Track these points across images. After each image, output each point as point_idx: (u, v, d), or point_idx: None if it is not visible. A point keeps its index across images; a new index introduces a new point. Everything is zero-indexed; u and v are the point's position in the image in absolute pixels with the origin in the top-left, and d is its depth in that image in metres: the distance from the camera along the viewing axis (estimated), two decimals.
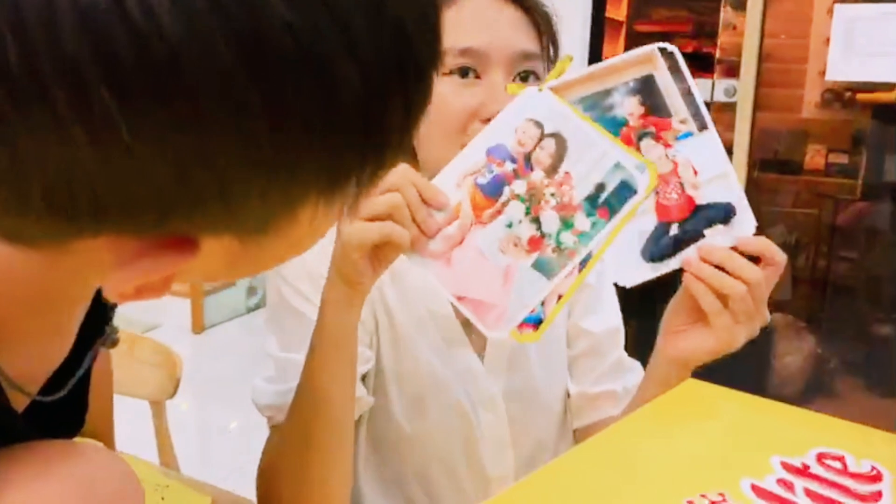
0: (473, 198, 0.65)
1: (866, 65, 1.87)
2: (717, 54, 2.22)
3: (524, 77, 0.75)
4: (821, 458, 0.39)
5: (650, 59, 0.65)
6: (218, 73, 0.24)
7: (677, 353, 0.69)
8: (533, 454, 0.85)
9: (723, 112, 2.14)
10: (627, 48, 0.70)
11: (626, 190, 0.63)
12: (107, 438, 0.65)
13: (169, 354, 1.15)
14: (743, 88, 2.08)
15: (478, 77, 0.73)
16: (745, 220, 0.64)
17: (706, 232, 0.64)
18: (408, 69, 0.29)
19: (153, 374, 1.16)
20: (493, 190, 0.65)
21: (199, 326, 3.42)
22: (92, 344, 0.50)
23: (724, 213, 0.64)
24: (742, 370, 0.78)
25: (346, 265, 0.65)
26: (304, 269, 0.78)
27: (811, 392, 2.29)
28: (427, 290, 0.82)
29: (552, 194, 0.64)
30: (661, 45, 0.65)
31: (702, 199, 0.64)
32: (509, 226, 0.64)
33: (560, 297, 0.64)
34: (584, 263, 0.64)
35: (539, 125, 0.65)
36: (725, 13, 2.26)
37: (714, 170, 0.64)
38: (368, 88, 0.27)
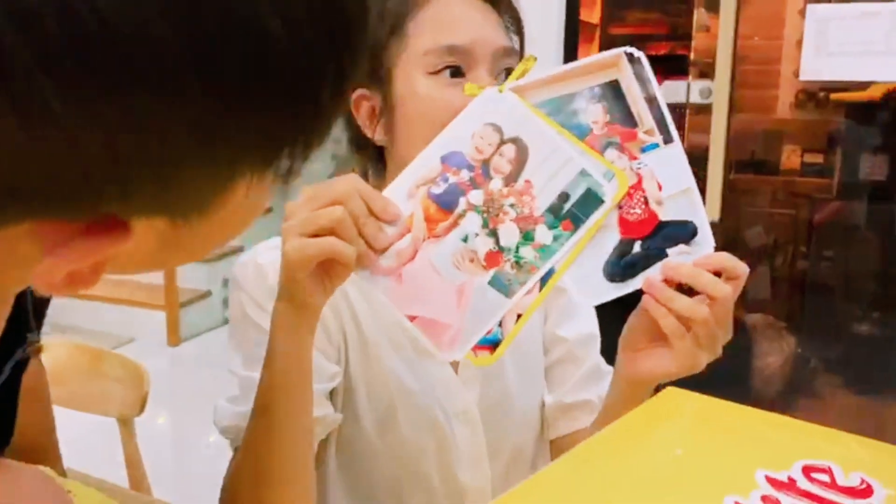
0: (427, 209, 0.61)
1: (839, 64, 1.87)
2: (692, 56, 2.22)
3: (508, 74, 0.74)
4: (807, 470, 0.37)
5: (616, 63, 0.62)
6: (148, 38, 0.24)
7: (636, 373, 0.67)
8: (509, 466, 0.82)
9: (698, 114, 2.13)
10: (602, 51, 0.68)
11: (591, 200, 0.59)
12: (51, 456, 0.62)
13: (136, 369, 1.12)
14: (718, 90, 2.08)
15: (463, 75, 0.71)
16: (706, 240, 0.61)
17: (669, 252, 0.61)
18: (339, 35, 0.28)
19: (120, 391, 1.12)
20: (448, 201, 0.61)
21: (175, 339, 3.37)
22: (12, 354, 0.47)
23: (687, 233, 0.61)
24: (722, 372, 0.76)
25: (291, 285, 0.61)
26: (266, 282, 0.75)
27: (792, 392, 2.29)
28: None
29: (511, 205, 0.60)
30: (629, 49, 0.62)
31: (665, 214, 0.61)
32: (465, 239, 0.60)
33: (519, 316, 0.60)
34: (545, 280, 0.60)
35: (498, 129, 0.62)
36: (699, 15, 2.26)
37: (678, 185, 0.61)
38: (298, 49, 0.27)
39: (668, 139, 0.61)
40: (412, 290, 0.60)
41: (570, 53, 2.19)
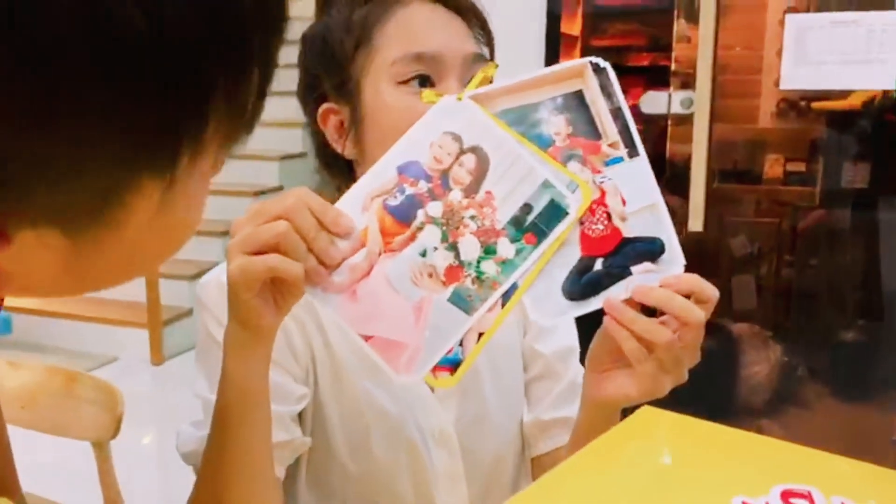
0: (382, 222, 0.58)
1: (819, 73, 1.88)
2: (673, 67, 2.22)
3: None
4: (786, 496, 0.36)
5: (580, 73, 0.59)
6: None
7: (599, 395, 0.64)
8: (488, 487, 0.80)
9: (680, 124, 2.14)
10: None
11: (555, 211, 0.57)
12: (9, 485, 0.60)
13: (110, 391, 1.09)
14: (699, 100, 2.08)
15: (433, 85, 0.70)
16: (675, 258, 0.58)
17: (633, 269, 0.58)
18: (221, 19, 0.26)
19: (94, 414, 1.09)
20: (406, 213, 0.58)
21: (158, 358, 3.33)
22: None
23: (653, 250, 0.58)
24: (709, 382, 0.74)
25: (238, 306, 0.58)
26: (226, 295, 0.73)
27: (779, 401, 2.28)
28: None
29: (472, 217, 0.57)
30: (594, 59, 0.60)
31: (629, 231, 0.58)
32: (423, 254, 0.57)
33: (481, 335, 0.57)
34: (508, 296, 0.57)
35: (458, 138, 0.59)
36: (679, 26, 2.26)
37: (644, 200, 0.58)
38: (173, 36, 0.25)
39: (633, 153, 0.59)
40: (367, 309, 0.56)
41: (552, 65, 2.19)
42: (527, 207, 0.57)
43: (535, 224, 0.57)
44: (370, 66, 0.73)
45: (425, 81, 0.70)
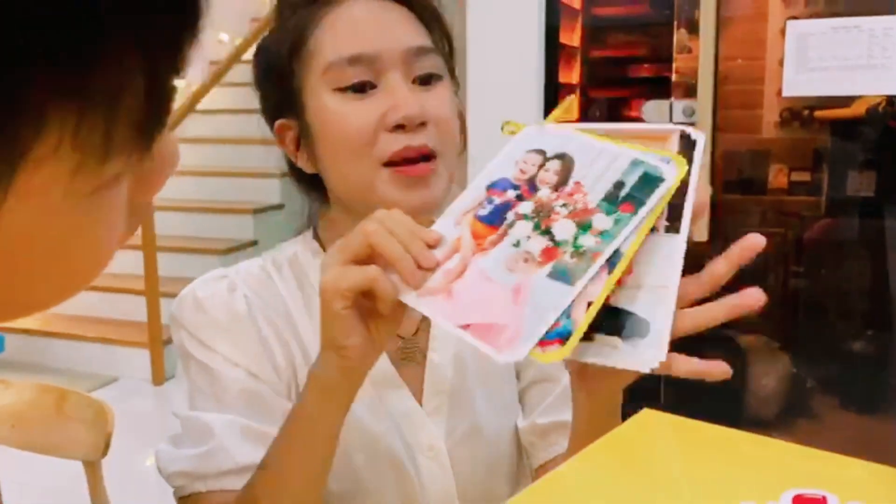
0: (474, 229, 0.57)
1: (821, 79, 1.86)
2: (674, 78, 2.21)
3: (426, 80, 0.69)
4: (798, 501, 0.33)
5: (667, 138, 0.56)
6: None
7: (591, 388, 0.60)
8: (482, 502, 0.75)
9: None
10: (583, 74, 0.65)
11: (651, 180, 0.53)
12: None
13: (100, 409, 1.06)
14: (701, 111, 2.07)
15: (373, 87, 0.67)
16: (658, 346, 0.50)
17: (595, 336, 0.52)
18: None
19: (84, 432, 1.07)
20: (496, 217, 0.57)
21: (159, 378, 3.29)
22: None
23: (633, 330, 0.51)
24: (717, 394, 0.71)
25: (328, 321, 0.55)
26: (206, 315, 0.71)
27: (789, 413, 2.25)
28: None
29: (563, 205, 0.55)
30: (688, 129, 0.55)
31: (620, 301, 0.52)
32: (517, 244, 0.55)
33: (590, 304, 0.52)
34: (613, 264, 0.52)
35: (541, 152, 0.58)
36: (679, 36, 2.25)
37: (657, 280, 0.52)
38: None
39: (672, 228, 0.54)
40: (463, 302, 0.54)
41: (550, 77, 2.18)
42: (619, 184, 0.54)
43: (629, 195, 0.53)
44: (308, 74, 0.69)
45: (362, 89, 0.67)
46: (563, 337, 0.51)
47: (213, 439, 0.67)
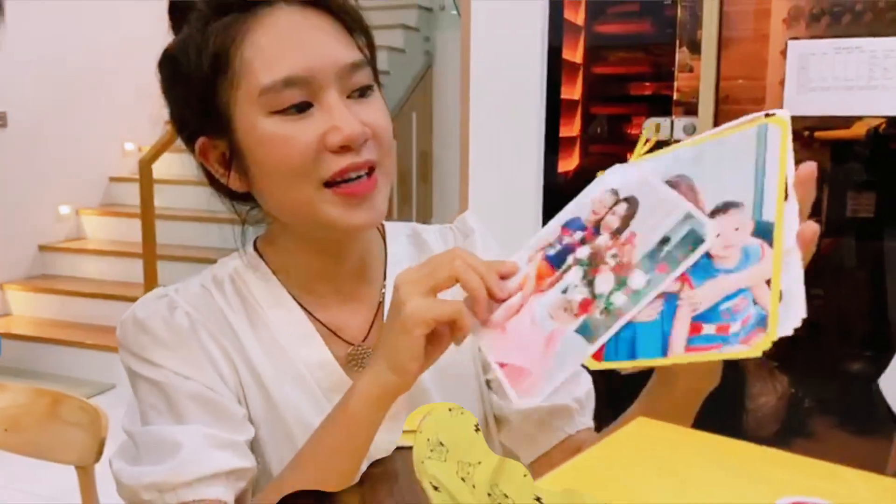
0: (540, 268, 0.61)
1: (822, 99, 1.87)
2: (675, 96, 2.22)
3: (362, 94, 0.69)
4: None
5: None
6: None
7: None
8: None
9: None
10: (585, 90, 0.65)
11: (691, 239, 0.54)
12: None
13: (95, 413, 1.06)
14: (702, 130, 2.08)
15: (310, 105, 0.67)
16: (794, 312, 0.52)
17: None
18: None
19: (77, 436, 1.06)
20: (559, 259, 0.60)
21: None
22: None
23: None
24: (715, 413, 0.71)
25: (402, 342, 0.58)
26: (147, 334, 0.70)
27: (787, 433, 2.24)
28: (294, 334, 0.73)
29: (613, 255, 0.57)
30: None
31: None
32: (565, 291, 0.59)
33: (768, 281, 0.52)
34: (766, 237, 0.53)
35: (615, 192, 0.60)
36: (681, 55, 2.26)
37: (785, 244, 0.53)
38: None
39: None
40: (511, 341, 0.59)
41: (553, 93, 2.18)
42: (665, 240, 0.55)
43: (669, 253, 0.55)
44: (236, 94, 0.67)
45: (304, 108, 0.66)
46: (762, 325, 0.52)
47: (180, 450, 0.67)
